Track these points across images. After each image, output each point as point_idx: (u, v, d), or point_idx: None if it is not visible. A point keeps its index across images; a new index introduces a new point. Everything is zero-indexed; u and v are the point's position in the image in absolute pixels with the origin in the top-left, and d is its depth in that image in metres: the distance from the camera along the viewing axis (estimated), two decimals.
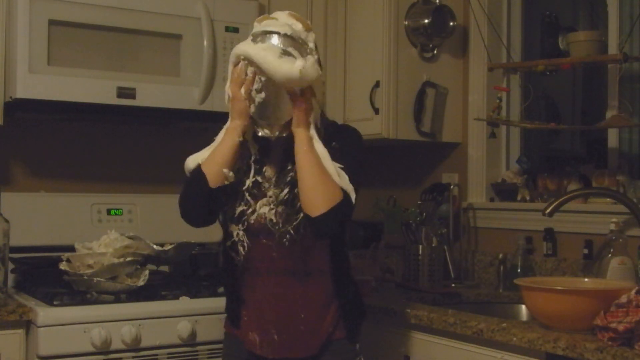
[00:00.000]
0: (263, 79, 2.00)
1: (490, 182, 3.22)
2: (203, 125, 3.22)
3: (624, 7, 2.94)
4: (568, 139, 3.74)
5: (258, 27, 2.07)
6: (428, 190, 3.27)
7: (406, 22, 3.17)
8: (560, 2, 3.78)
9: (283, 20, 2.06)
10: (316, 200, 1.98)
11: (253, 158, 2.12)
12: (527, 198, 3.08)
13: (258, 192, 2.10)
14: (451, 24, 3.18)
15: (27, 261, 2.74)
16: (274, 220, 2.08)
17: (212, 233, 3.17)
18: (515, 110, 3.25)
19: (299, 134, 2.02)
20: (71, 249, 2.61)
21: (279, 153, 2.11)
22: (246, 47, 2.02)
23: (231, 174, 2.06)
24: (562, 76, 3.57)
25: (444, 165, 3.40)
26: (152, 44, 2.80)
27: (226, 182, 2.05)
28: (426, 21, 3.13)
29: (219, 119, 2.96)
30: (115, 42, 2.74)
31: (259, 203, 2.10)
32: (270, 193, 2.09)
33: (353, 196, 2.01)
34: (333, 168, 2.01)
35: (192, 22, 2.84)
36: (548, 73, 3.11)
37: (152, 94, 2.78)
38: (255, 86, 2.02)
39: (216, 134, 3.22)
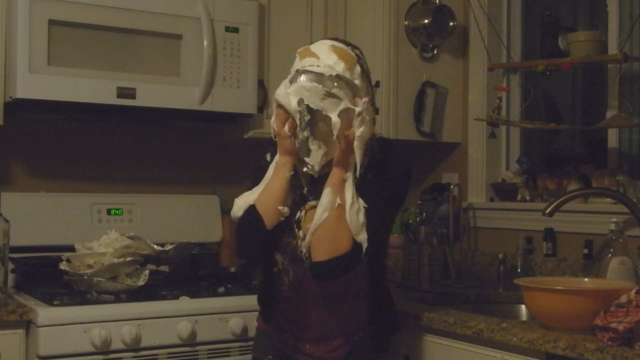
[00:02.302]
0: (307, 119, 1.99)
1: (490, 182, 3.22)
2: (203, 125, 3.23)
3: (624, 7, 2.95)
4: (568, 139, 3.74)
5: (299, 64, 2.03)
6: (428, 190, 3.27)
7: (406, 22, 3.17)
8: (560, 2, 3.78)
9: (325, 60, 2.00)
10: (321, 246, 1.98)
11: (306, 189, 2.10)
12: (527, 198, 3.08)
13: (303, 219, 2.10)
14: (451, 24, 3.18)
15: (27, 261, 2.74)
16: (305, 252, 2.07)
17: (212, 233, 3.19)
18: (515, 110, 3.26)
19: (334, 173, 2.02)
20: (71, 249, 2.61)
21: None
22: (287, 98, 2.01)
23: (286, 209, 2.05)
24: (562, 76, 3.57)
25: (444, 165, 3.40)
26: (152, 44, 2.80)
27: (282, 219, 2.05)
28: (426, 21, 3.13)
29: (219, 119, 3.00)
30: (115, 42, 2.74)
31: (300, 234, 2.09)
32: (309, 225, 2.07)
33: (364, 247, 2.00)
34: (354, 218, 1.99)
35: (192, 22, 2.84)
36: (548, 73, 3.11)
37: (152, 94, 2.78)
38: (299, 125, 2.00)
39: (216, 134, 3.26)
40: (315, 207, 2.05)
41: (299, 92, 1.99)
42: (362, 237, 2.00)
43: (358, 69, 2.04)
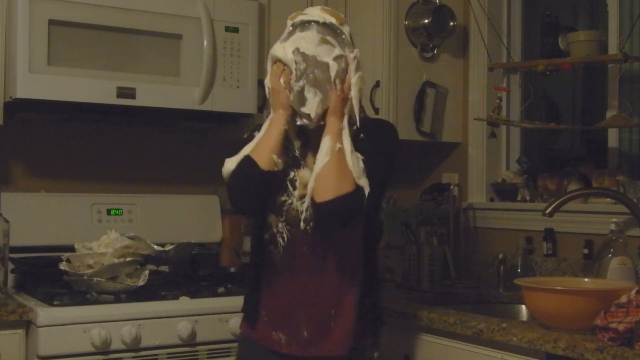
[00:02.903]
0: (302, 67, 2.04)
1: (490, 182, 3.22)
2: (203, 125, 3.23)
3: (624, 7, 2.95)
4: (568, 139, 3.74)
5: (290, 23, 2.13)
6: (428, 190, 3.27)
7: (406, 22, 3.17)
8: (560, 2, 3.78)
9: (316, 15, 2.11)
10: (325, 186, 2.00)
11: (298, 152, 2.13)
12: (527, 198, 3.08)
13: (298, 181, 2.13)
14: (451, 24, 3.18)
15: (27, 261, 2.74)
16: (302, 211, 2.08)
17: (212, 233, 3.19)
18: (515, 110, 3.26)
19: (331, 122, 2.06)
20: (71, 249, 2.61)
21: (319, 145, 2.11)
22: (282, 49, 2.08)
23: (280, 160, 2.07)
24: (562, 76, 3.57)
25: (444, 165, 3.40)
26: (152, 44, 2.80)
27: (275, 169, 2.06)
28: (426, 21, 3.13)
29: (219, 119, 3.00)
30: (115, 42, 2.74)
31: (296, 194, 2.11)
32: (305, 179, 2.10)
33: (367, 190, 2.02)
34: (355, 163, 2.03)
35: (192, 22, 2.84)
36: (548, 73, 3.11)
37: (152, 94, 2.78)
38: (294, 75, 2.05)
39: (216, 134, 3.26)
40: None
41: (295, 42, 2.07)
42: (364, 182, 2.02)
43: (347, 28, 2.13)
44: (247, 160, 2.07)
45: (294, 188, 2.11)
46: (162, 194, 3.18)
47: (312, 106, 2.05)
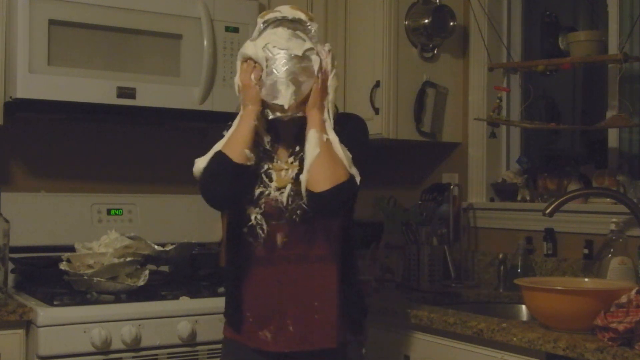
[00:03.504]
0: (274, 61, 2.06)
1: (490, 182, 3.22)
2: (203, 125, 3.23)
3: (624, 7, 2.95)
4: (568, 139, 3.74)
5: (260, 21, 2.15)
6: (428, 190, 3.27)
7: (406, 22, 3.17)
8: (560, 2, 3.77)
9: (285, 11, 2.14)
10: (320, 177, 2.01)
11: (268, 146, 2.15)
12: (527, 198, 3.08)
13: (274, 174, 2.14)
14: (451, 24, 3.18)
15: (27, 261, 2.74)
16: (283, 201, 2.09)
17: (212, 233, 3.19)
18: (515, 110, 3.25)
19: (313, 115, 2.08)
20: (71, 249, 2.61)
21: (290, 138, 2.14)
22: (253, 47, 2.11)
23: (252, 155, 2.08)
24: (562, 76, 3.56)
25: (444, 165, 3.40)
26: (152, 44, 2.80)
27: (248, 163, 2.07)
28: (426, 21, 3.13)
29: (219, 119, 2.98)
30: (115, 42, 2.74)
31: (273, 185, 2.12)
32: (282, 174, 2.12)
33: (358, 179, 2.05)
34: (342, 152, 2.05)
35: (192, 22, 2.84)
36: (548, 73, 3.10)
37: (152, 94, 2.78)
38: (265, 71, 2.07)
39: (216, 134, 3.25)
40: (284, 169, 2.12)
41: (266, 38, 2.11)
42: (354, 170, 2.06)
43: (315, 25, 2.15)
44: (219, 154, 2.08)
45: (270, 180, 2.12)
46: (162, 194, 3.18)
47: (285, 98, 2.06)
